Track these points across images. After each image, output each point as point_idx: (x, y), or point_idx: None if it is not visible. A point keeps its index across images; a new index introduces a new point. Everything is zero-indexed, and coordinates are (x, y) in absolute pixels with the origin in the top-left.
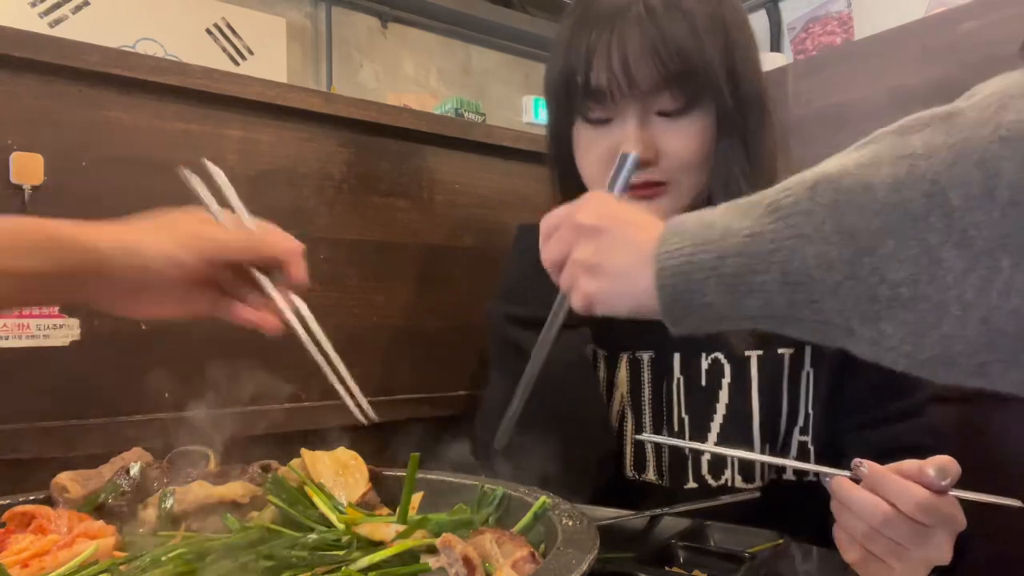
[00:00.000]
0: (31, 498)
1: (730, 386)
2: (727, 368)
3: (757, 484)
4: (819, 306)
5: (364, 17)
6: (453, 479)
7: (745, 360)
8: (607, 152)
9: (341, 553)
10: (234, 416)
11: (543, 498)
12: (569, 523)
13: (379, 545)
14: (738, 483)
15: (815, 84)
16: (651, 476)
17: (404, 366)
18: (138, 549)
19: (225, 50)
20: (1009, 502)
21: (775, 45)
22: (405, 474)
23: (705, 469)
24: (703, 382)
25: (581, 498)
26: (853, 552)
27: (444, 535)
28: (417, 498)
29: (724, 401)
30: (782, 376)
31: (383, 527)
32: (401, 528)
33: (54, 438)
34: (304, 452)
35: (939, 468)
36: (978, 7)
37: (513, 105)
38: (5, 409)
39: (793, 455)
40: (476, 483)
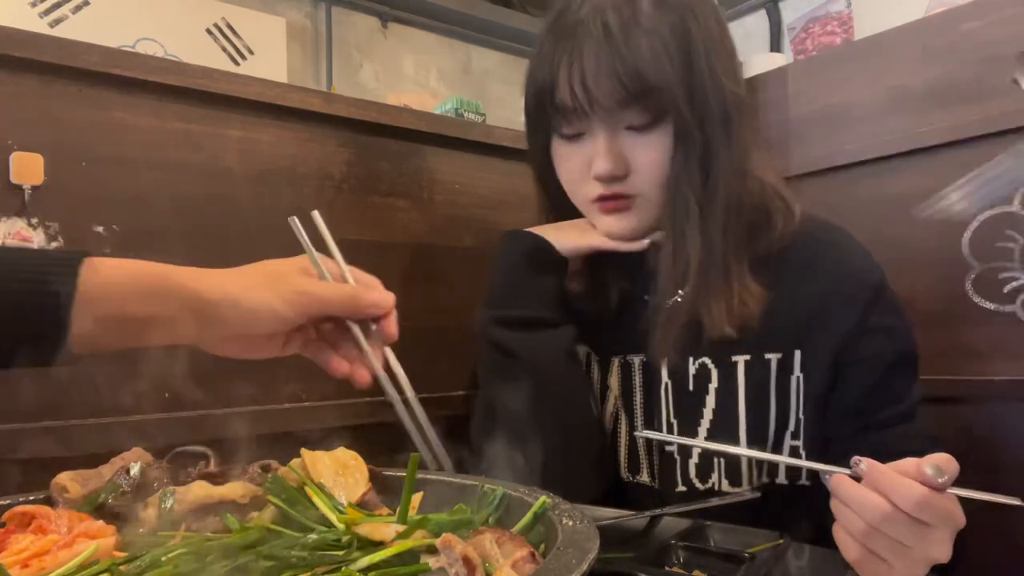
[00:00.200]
0: (31, 498)
1: (717, 391)
2: (714, 373)
3: (744, 487)
4: None
5: (364, 17)
6: (453, 479)
7: (732, 365)
8: (581, 166)
9: (341, 553)
10: (234, 416)
11: (543, 498)
12: (569, 523)
13: (379, 545)
14: (725, 487)
15: (815, 84)
16: (645, 478)
17: (404, 366)
18: (138, 549)
19: (225, 50)
20: (1009, 500)
21: (775, 45)
22: (405, 474)
23: (693, 473)
24: (690, 387)
25: (580, 498)
26: (853, 550)
27: (444, 535)
28: (417, 498)
29: (711, 406)
30: (769, 381)
31: (383, 527)
32: (401, 528)
33: (54, 438)
34: (304, 452)
35: (937, 466)
36: (978, 7)
37: (513, 105)
38: (5, 409)
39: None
40: (476, 483)
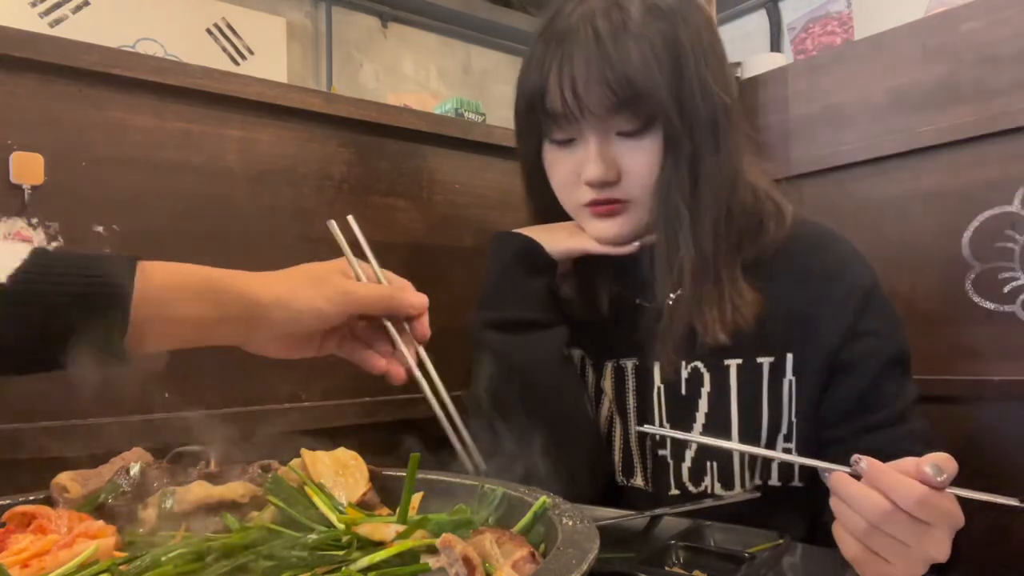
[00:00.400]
0: (31, 498)
1: (709, 395)
2: (706, 377)
3: (737, 490)
4: None
5: (364, 17)
6: (453, 479)
7: (725, 369)
8: (571, 171)
9: (341, 553)
10: (234, 416)
11: (543, 498)
12: (569, 523)
13: (379, 545)
14: (718, 489)
15: (815, 84)
16: (639, 482)
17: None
18: (138, 549)
19: (225, 50)
20: (1007, 501)
21: (775, 45)
22: (405, 474)
23: (686, 476)
24: (683, 391)
25: (575, 500)
26: (853, 548)
27: (444, 535)
28: (417, 498)
29: (704, 409)
30: (761, 384)
31: (383, 527)
32: (401, 528)
33: (54, 438)
34: (304, 452)
35: (937, 465)
36: (978, 7)
37: (513, 105)
38: (5, 409)
39: (776, 462)
40: (476, 483)
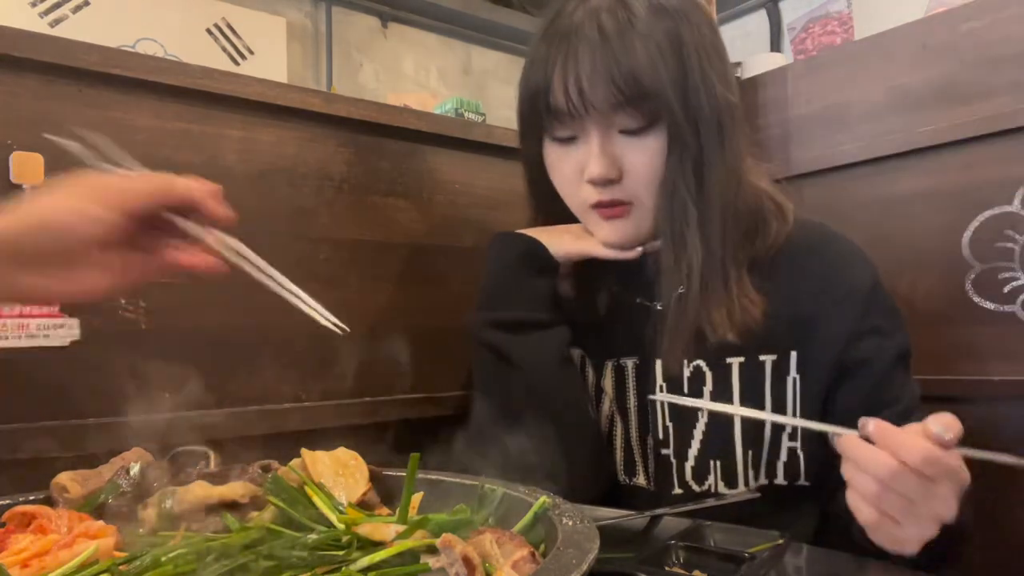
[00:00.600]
0: (31, 498)
1: (711, 393)
2: (708, 376)
3: (741, 489)
4: None
5: (364, 17)
6: (453, 479)
7: (727, 367)
8: (574, 169)
9: (341, 553)
10: (234, 416)
11: (543, 498)
12: (569, 523)
13: (379, 545)
14: (721, 488)
15: (815, 84)
16: (641, 481)
17: (404, 366)
18: (138, 549)
19: (225, 50)
20: (1011, 460)
21: (775, 45)
22: (405, 474)
23: (689, 475)
24: (685, 389)
25: (577, 500)
26: (866, 513)
27: (444, 535)
28: (417, 498)
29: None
30: (764, 383)
31: (383, 527)
32: (401, 528)
33: (54, 438)
34: (304, 452)
35: (943, 424)
36: (978, 7)
37: (513, 105)
38: (5, 409)
39: (783, 460)
40: (476, 483)
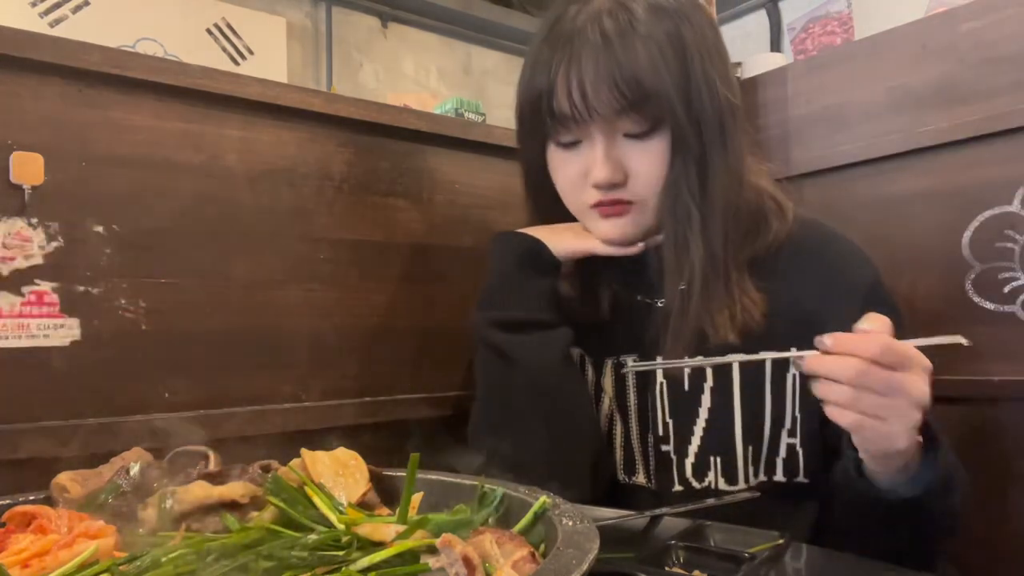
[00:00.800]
0: (31, 498)
1: (712, 390)
2: (709, 372)
3: (741, 485)
4: None
5: (364, 17)
6: (453, 479)
7: (727, 364)
8: (578, 173)
9: (341, 553)
10: (234, 416)
11: (543, 498)
12: (569, 523)
13: (379, 545)
14: (721, 485)
15: (815, 84)
16: (641, 479)
17: (404, 366)
18: (138, 549)
19: (225, 50)
20: (953, 340)
21: (775, 45)
22: (405, 474)
23: (689, 472)
24: (685, 387)
25: (577, 499)
26: (847, 416)
27: (444, 535)
28: (417, 498)
29: (707, 405)
30: (764, 379)
31: (383, 527)
32: (401, 528)
33: (54, 438)
34: (304, 452)
35: (873, 322)
36: (978, 7)
37: (513, 105)
38: (5, 409)
39: (782, 457)
40: (476, 483)
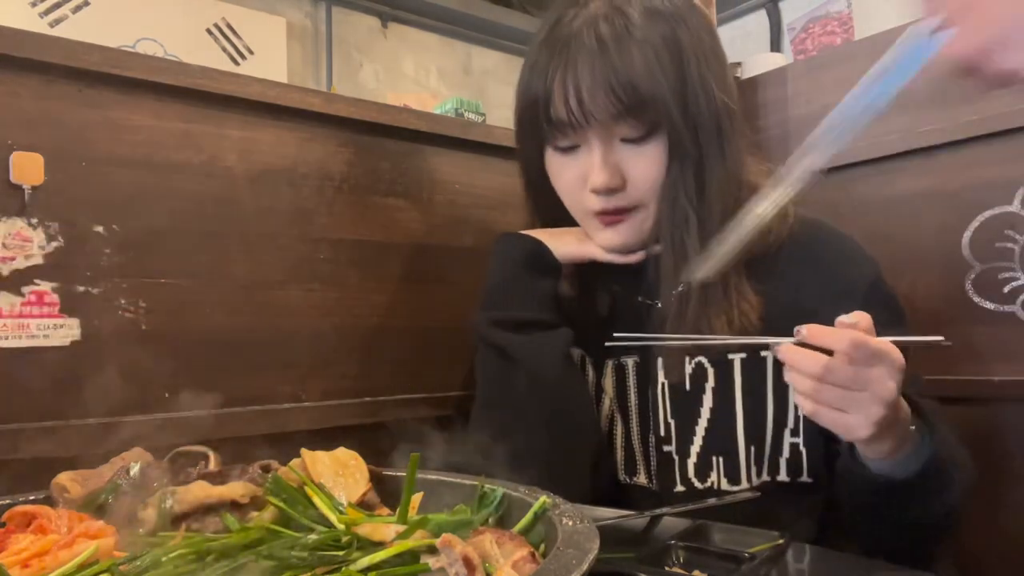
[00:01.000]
0: (31, 498)
1: (714, 390)
2: (710, 372)
3: (744, 486)
4: None
5: (364, 17)
6: (453, 479)
7: (729, 364)
8: (576, 178)
9: (341, 553)
10: (234, 416)
11: (543, 498)
12: (569, 523)
13: (379, 545)
14: (724, 485)
15: (815, 84)
16: (642, 479)
17: (405, 366)
18: (138, 549)
19: (225, 50)
20: (934, 339)
21: (775, 45)
22: (405, 474)
23: (691, 472)
24: (687, 387)
25: (577, 499)
26: (807, 405)
27: (444, 535)
28: (417, 498)
29: (708, 405)
30: (766, 379)
31: (383, 527)
32: (401, 528)
33: (54, 438)
34: (304, 452)
35: (852, 315)
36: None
37: (513, 105)
38: (5, 409)
39: (785, 457)
40: (476, 483)
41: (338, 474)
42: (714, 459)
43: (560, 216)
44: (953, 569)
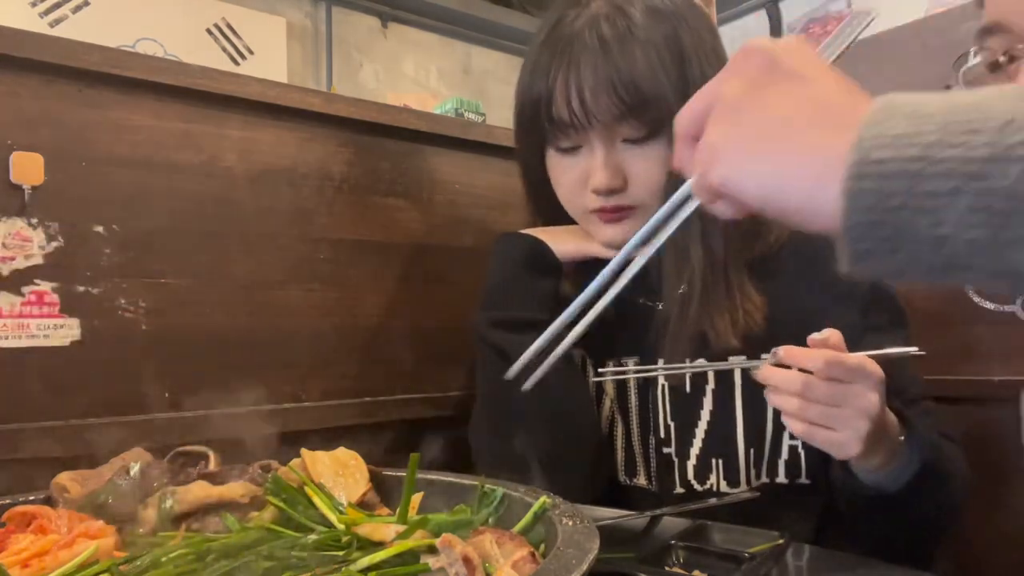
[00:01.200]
0: (31, 498)
1: (714, 392)
2: (711, 375)
3: (743, 488)
4: None
5: (364, 17)
6: (453, 479)
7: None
8: (578, 179)
9: (341, 553)
10: (234, 416)
11: (543, 498)
12: (569, 523)
13: (379, 545)
14: (723, 487)
15: None
16: (642, 481)
17: (404, 366)
18: (138, 549)
19: (225, 50)
20: (909, 350)
21: None
22: (405, 474)
23: (691, 474)
24: (687, 389)
25: (577, 500)
26: (796, 425)
27: (444, 535)
28: (417, 498)
29: (709, 407)
30: None
31: (383, 527)
32: (401, 528)
33: (54, 438)
34: (304, 452)
35: (823, 332)
36: (978, 7)
37: (513, 105)
38: (5, 409)
39: (784, 459)
40: (476, 483)
41: (338, 474)
42: (713, 461)
43: (561, 216)
44: (953, 569)
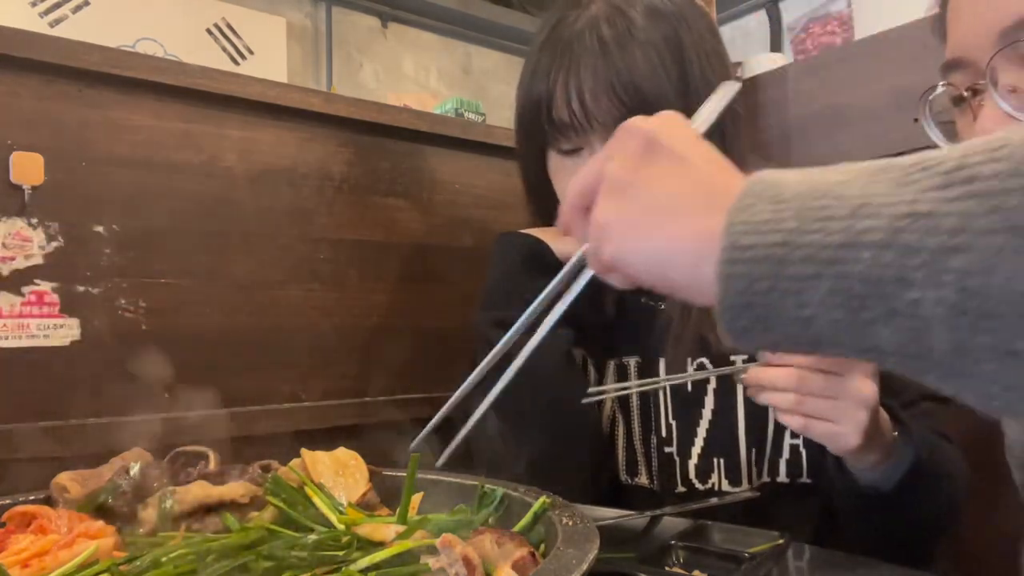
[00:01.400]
0: (31, 498)
1: (715, 391)
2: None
3: (744, 487)
4: None
5: (364, 17)
6: (453, 479)
7: (730, 365)
8: None
9: (341, 553)
10: (234, 416)
11: (543, 498)
12: (569, 523)
13: (379, 545)
14: (725, 487)
15: (815, 84)
16: (643, 480)
17: (404, 366)
18: (138, 549)
19: (225, 50)
20: None
21: (775, 45)
22: (405, 474)
23: (692, 474)
24: (688, 388)
25: (578, 500)
26: (795, 421)
27: (444, 535)
28: (417, 498)
29: (710, 407)
30: None
31: (383, 527)
32: (401, 528)
33: (54, 438)
34: (304, 452)
35: None
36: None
37: (513, 105)
38: (5, 409)
39: (785, 458)
40: (476, 483)
41: (338, 474)
42: (715, 460)
43: None
44: (953, 569)
